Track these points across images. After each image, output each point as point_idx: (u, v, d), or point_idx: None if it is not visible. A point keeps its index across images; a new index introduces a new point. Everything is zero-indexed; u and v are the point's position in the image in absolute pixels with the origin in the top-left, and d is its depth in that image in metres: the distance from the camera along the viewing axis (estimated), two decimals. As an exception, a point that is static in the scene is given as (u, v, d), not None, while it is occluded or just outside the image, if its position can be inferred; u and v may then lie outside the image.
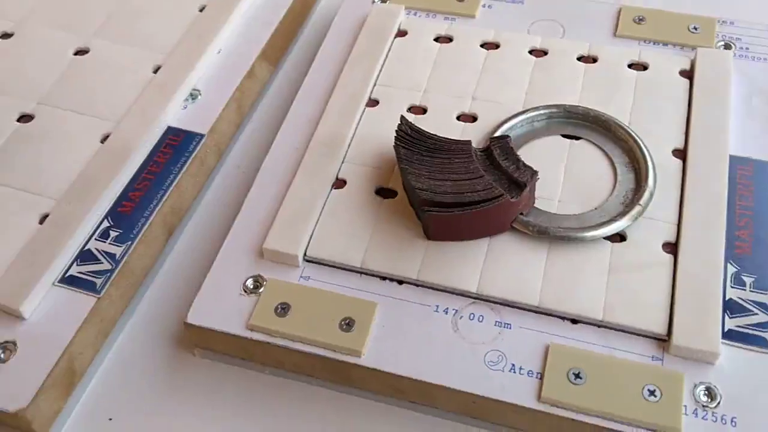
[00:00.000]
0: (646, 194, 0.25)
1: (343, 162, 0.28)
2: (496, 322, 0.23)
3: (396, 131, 0.26)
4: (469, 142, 0.25)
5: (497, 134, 0.27)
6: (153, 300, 0.27)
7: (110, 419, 0.25)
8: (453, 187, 0.24)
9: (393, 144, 0.26)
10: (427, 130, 0.26)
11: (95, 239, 0.27)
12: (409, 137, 0.25)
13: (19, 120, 0.30)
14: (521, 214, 0.25)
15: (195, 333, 0.25)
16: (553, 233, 0.24)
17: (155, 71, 0.31)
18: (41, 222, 0.27)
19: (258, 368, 0.25)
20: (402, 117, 0.26)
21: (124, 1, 0.34)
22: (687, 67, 0.29)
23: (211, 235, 0.29)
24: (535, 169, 0.24)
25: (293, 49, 0.35)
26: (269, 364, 0.25)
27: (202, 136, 0.30)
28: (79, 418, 0.25)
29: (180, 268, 0.28)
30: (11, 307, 0.24)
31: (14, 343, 0.24)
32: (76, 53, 0.32)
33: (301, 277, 0.25)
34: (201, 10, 0.34)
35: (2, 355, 0.24)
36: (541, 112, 0.28)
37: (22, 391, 0.23)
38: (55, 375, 0.24)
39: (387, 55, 0.31)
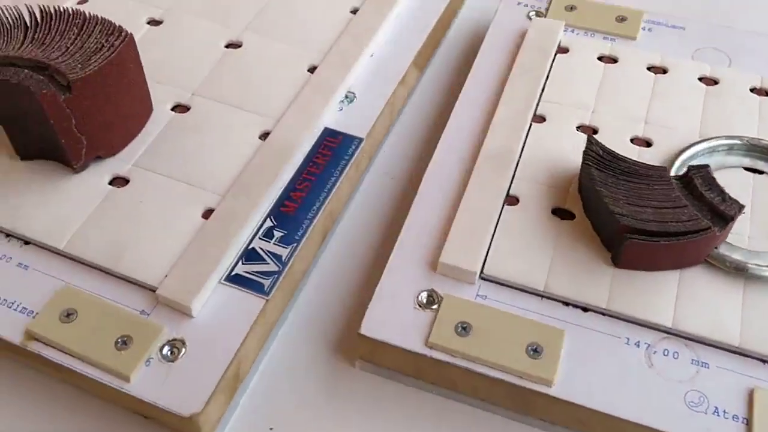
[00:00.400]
0: None
1: (513, 178, 0.26)
2: (692, 360, 0.22)
3: (586, 151, 0.24)
4: (666, 169, 0.24)
5: (677, 162, 0.26)
6: (305, 305, 0.26)
7: (271, 429, 0.24)
8: (655, 215, 0.22)
9: (581, 157, 0.24)
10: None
11: (259, 238, 0.25)
12: (600, 158, 0.24)
13: (173, 109, 0.29)
14: (715, 247, 0.23)
15: (366, 345, 0.23)
16: (751, 271, 0.23)
17: (310, 70, 0.30)
18: (204, 216, 0.26)
19: (424, 386, 0.24)
20: (591, 137, 0.25)
21: (271, -4, 0.33)
22: None
23: (360, 241, 0.28)
24: (742, 204, 0.23)
25: (434, 55, 0.34)
26: (441, 384, 0.24)
27: (361, 140, 0.28)
28: (238, 425, 0.24)
29: (331, 273, 0.27)
30: (182, 304, 0.23)
31: (183, 342, 0.23)
32: (228, 46, 0.31)
33: (477, 295, 0.24)
34: (353, 12, 0.33)
35: (170, 354, 0.23)
36: (723, 142, 0.27)
37: (194, 393, 0.22)
38: (223, 381, 0.22)
39: (550, 71, 0.30)
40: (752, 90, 0.29)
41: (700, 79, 0.29)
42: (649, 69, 0.30)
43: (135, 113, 0.28)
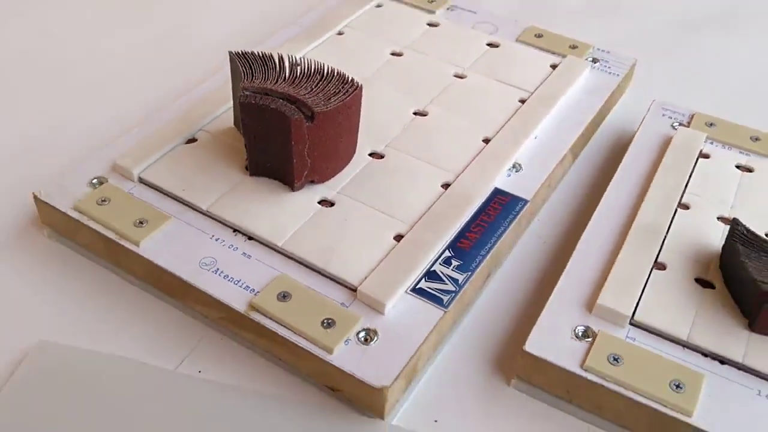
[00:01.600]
0: None
1: (661, 249, 0.30)
2: (817, 416, 0.25)
3: (732, 228, 0.28)
4: (802, 252, 0.27)
5: (808, 256, 0.29)
6: (469, 327, 0.30)
7: (435, 421, 0.27)
8: (792, 286, 0.26)
9: (724, 239, 0.28)
10: (753, 237, 0.28)
11: (439, 263, 0.30)
12: (745, 237, 0.28)
13: (370, 155, 0.34)
14: (843, 327, 0.26)
15: (526, 361, 0.27)
16: None
17: (485, 141, 0.35)
18: (395, 239, 0.30)
19: (570, 410, 0.27)
20: (736, 219, 0.29)
21: (453, 80, 0.39)
22: None
23: (516, 283, 0.32)
24: None
25: (587, 146, 0.39)
26: (587, 408, 0.27)
27: (526, 201, 0.33)
28: (410, 412, 0.27)
29: (489, 306, 0.31)
30: (379, 300, 0.27)
31: (375, 332, 0.27)
32: (416, 113, 0.37)
33: (627, 336, 0.27)
34: (521, 102, 0.38)
35: (365, 339, 0.27)
36: None
37: (385, 372, 0.26)
38: (406, 368, 0.26)
39: (693, 170, 0.34)
40: None
41: (827, 194, 0.33)
42: (781, 181, 0.34)
43: (346, 151, 0.33)
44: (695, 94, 0.43)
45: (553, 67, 0.41)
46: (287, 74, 0.32)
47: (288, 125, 0.29)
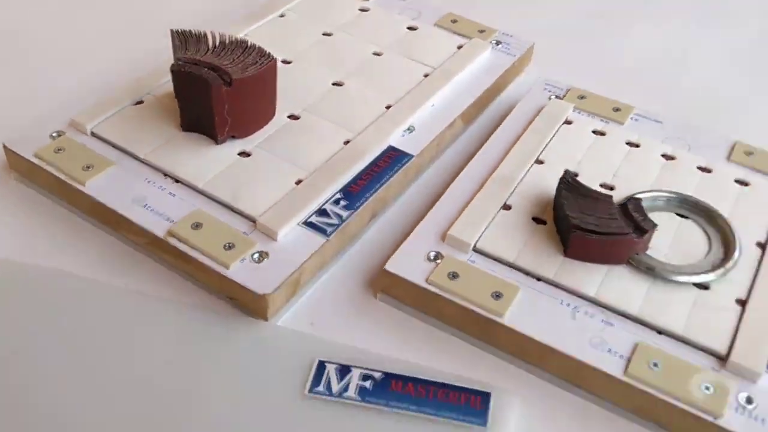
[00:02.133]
0: (731, 263, 0.33)
1: (511, 194, 0.37)
2: (602, 320, 0.31)
3: (561, 178, 0.35)
4: (610, 196, 0.34)
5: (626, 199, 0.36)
6: (353, 254, 0.37)
7: (312, 323, 0.34)
8: (595, 221, 0.32)
9: (556, 186, 0.35)
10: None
11: (330, 203, 0.36)
12: (568, 183, 0.34)
13: (289, 117, 0.41)
14: (637, 254, 0.33)
15: (386, 278, 0.34)
16: (657, 272, 0.32)
17: (387, 107, 0.42)
18: (296, 183, 0.37)
19: (421, 316, 0.34)
20: (566, 170, 0.35)
21: (371, 57, 0.46)
22: (783, 192, 0.37)
23: (398, 223, 0.38)
24: (656, 223, 0.32)
25: (482, 115, 0.45)
26: (431, 314, 0.33)
27: (411, 156, 0.39)
28: (291, 316, 0.34)
29: (374, 240, 0.38)
30: (272, 229, 0.34)
31: (267, 254, 0.34)
32: (334, 84, 0.44)
33: (469, 260, 0.34)
34: (425, 75, 0.44)
35: (258, 259, 0.34)
36: (664, 194, 0.36)
37: (268, 284, 0.32)
38: (288, 281, 0.33)
39: (555, 134, 0.40)
40: (699, 168, 0.38)
41: (663, 156, 0.39)
42: (626, 143, 0.40)
43: (264, 112, 0.40)
44: (586, 76, 0.49)
45: (460, 47, 0.47)
46: (215, 48, 0.38)
47: (209, 89, 0.36)
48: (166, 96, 0.42)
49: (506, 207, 0.36)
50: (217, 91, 0.36)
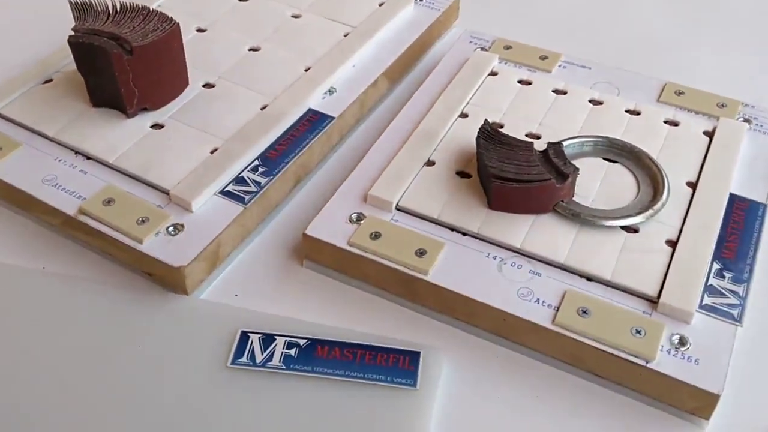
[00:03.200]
0: (659, 204, 0.32)
1: (435, 150, 0.35)
2: (530, 270, 0.30)
3: (480, 129, 0.33)
4: (531, 143, 0.32)
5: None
6: (278, 223, 0.35)
7: (236, 295, 0.32)
8: (515, 169, 0.31)
9: (475, 138, 0.33)
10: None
11: (247, 171, 0.34)
12: (488, 133, 0.33)
13: (203, 86, 0.39)
14: (562, 201, 0.31)
15: (309, 243, 0.32)
16: (583, 217, 0.31)
17: (306, 70, 0.40)
18: (211, 152, 0.35)
19: (347, 280, 0.32)
20: (486, 120, 0.33)
21: (289, 20, 0.43)
22: (710, 129, 0.36)
23: (323, 188, 0.37)
24: (577, 167, 0.31)
25: (410, 73, 0.44)
26: (356, 276, 0.32)
27: (332, 118, 0.37)
28: (214, 289, 0.32)
29: (299, 207, 0.36)
30: (186, 200, 0.32)
31: (183, 226, 0.32)
32: (250, 50, 0.41)
33: (392, 219, 0.32)
34: (345, 35, 0.42)
35: (173, 232, 0.32)
36: (590, 139, 0.35)
37: (183, 256, 0.31)
38: (206, 252, 0.31)
39: (480, 86, 0.39)
40: (627, 111, 0.37)
41: (590, 101, 0.38)
42: (553, 91, 0.38)
43: (175, 82, 0.37)
44: (515, 27, 0.47)
45: (381, 5, 0.45)
46: (115, 16, 0.36)
47: (110, 59, 0.34)
48: (76, 72, 0.39)
49: (429, 163, 0.34)
50: (118, 60, 0.34)
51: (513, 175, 0.30)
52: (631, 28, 0.48)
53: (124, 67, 0.34)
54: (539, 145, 0.33)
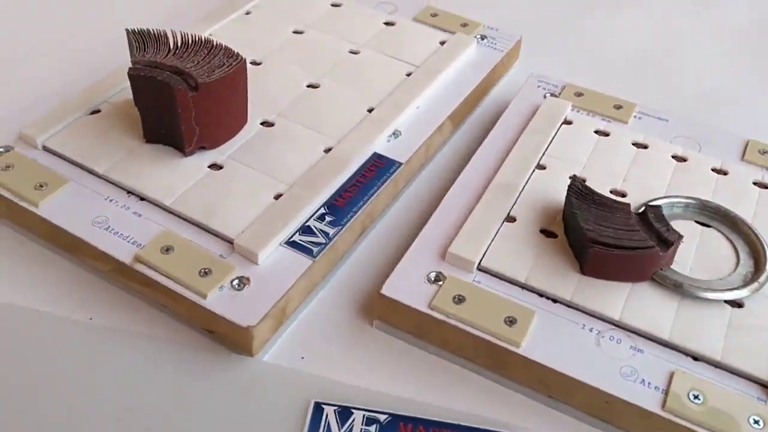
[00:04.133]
0: (764, 277, 0.29)
1: (514, 204, 0.32)
2: (631, 346, 0.27)
3: (570, 185, 0.31)
4: (628, 204, 0.30)
5: (643, 207, 0.32)
6: (342, 275, 0.32)
7: (302, 357, 0.29)
8: (614, 233, 0.28)
9: (565, 194, 0.31)
10: (591, 191, 0.31)
11: (314, 219, 0.32)
12: (579, 190, 0.30)
13: (262, 124, 0.36)
14: (661, 269, 0.29)
15: (383, 303, 0.29)
16: (686, 289, 0.28)
17: (369, 110, 0.37)
18: (275, 198, 0.32)
19: (423, 345, 0.29)
20: (575, 175, 0.31)
21: (347, 56, 0.41)
22: (802, 193, 0.34)
23: (388, 237, 0.34)
24: (681, 234, 0.28)
25: (472, 116, 0.41)
26: (435, 342, 0.29)
27: (400, 164, 0.35)
28: (278, 350, 0.29)
29: (364, 258, 0.33)
30: (252, 251, 0.29)
31: (248, 279, 0.29)
32: (309, 86, 0.39)
33: (474, 280, 0.29)
34: (407, 74, 0.40)
35: (238, 286, 0.29)
36: (681, 200, 0.32)
37: (251, 314, 0.28)
38: (274, 310, 0.28)
39: (555, 135, 0.36)
40: (713, 170, 0.35)
41: (673, 157, 0.35)
42: (633, 144, 0.36)
43: (235, 119, 0.35)
44: (578, 69, 0.45)
45: (442, 43, 0.43)
46: (177, 49, 0.33)
47: (173, 95, 0.31)
48: (126, 103, 0.36)
49: (510, 219, 0.32)
50: (182, 96, 0.31)
51: (612, 240, 0.28)
52: (696, 74, 0.46)
53: (187, 104, 0.31)
54: (631, 205, 0.31)
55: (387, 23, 0.44)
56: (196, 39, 0.34)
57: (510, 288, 0.29)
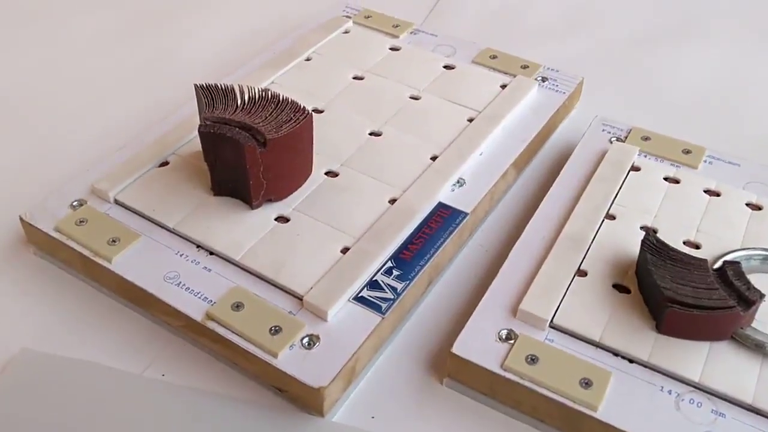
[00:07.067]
0: None
1: (584, 257, 0.32)
2: (712, 410, 0.27)
3: (643, 240, 0.30)
4: (705, 260, 0.29)
5: (719, 262, 0.31)
6: (409, 331, 0.32)
7: (372, 417, 0.29)
8: (692, 292, 0.28)
9: (639, 247, 0.30)
10: (665, 245, 0.30)
11: (381, 274, 0.32)
12: (654, 246, 0.30)
13: (326, 174, 0.37)
14: (741, 328, 0.28)
15: (455, 362, 0.29)
16: (767, 349, 0.28)
17: (432, 158, 0.37)
18: (342, 251, 0.32)
19: (495, 405, 0.29)
20: (649, 229, 0.30)
21: (408, 102, 0.41)
22: None
23: (454, 290, 0.34)
24: (763, 293, 0.28)
25: (534, 160, 0.41)
26: (508, 403, 0.29)
27: (466, 214, 0.35)
28: (348, 410, 0.29)
29: (430, 312, 0.33)
30: (321, 309, 0.30)
31: (318, 337, 0.29)
32: (371, 134, 0.39)
33: (546, 339, 0.29)
34: (469, 121, 0.40)
35: (308, 345, 0.29)
36: (759, 252, 0.32)
37: (323, 374, 0.28)
38: (344, 369, 0.28)
39: (623, 183, 0.36)
40: (790, 218, 0.34)
41: (747, 205, 0.35)
42: (705, 192, 0.35)
43: (301, 171, 0.35)
44: (642, 110, 0.45)
45: (503, 86, 0.43)
46: (245, 104, 0.34)
47: (242, 151, 0.32)
48: (193, 156, 0.37)
49: (581, 273, 0.31)
50: (251, 153, 0.32)
51: (691, 299, 0.27)
52: (763, 113, 0.45)
53: (256, 159, 0.32)
54: (705, 258, 0.30)
55: (447, 66, 0.44)
56: (263, 94, 0.34)
57: (583, 347, 0.29)
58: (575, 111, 0.45)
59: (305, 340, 0.29)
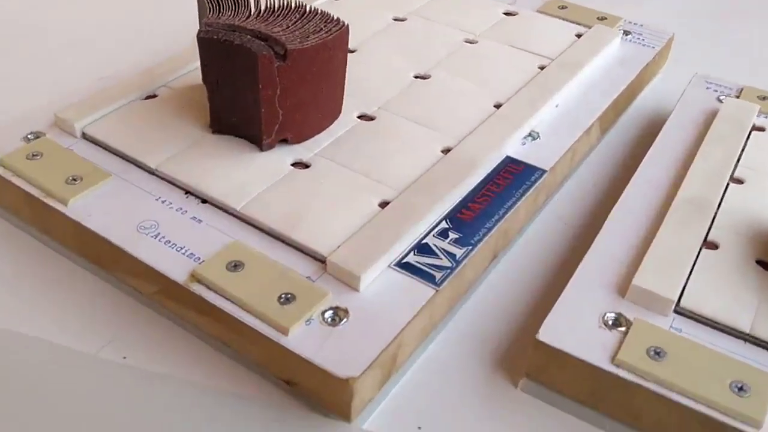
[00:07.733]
0: None
1: (711, 226, 0.24)
2: None
3: None
4: None
5: None
6: (471, 314, 0.24)
7: (419, 428, 0.20)
8: None
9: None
10: None
11: (433, 236, 0.24)
12: None
13: (359, 117, 0.29)
14: None
15: (539, 355, 0.20)
16: None
17: (496, 106, 0.29)
18: (380, 206, 0.24)
19: (596, 418, 0.20)
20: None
21: (462, 45, 0.33)
22: None
23: (531, 266, 0.26)
24: None
25: (618, 122, 0.33)
26: (619, 414, 0.20)
27: (544, 171, 0.27)
28: (383, 413, 0.21)
29: (500, 289, 0.25)
30: (352, 274, 0.21)
31: (346, 311, 0.21)
32: (416, 77, 0.31)
33: (671, 326, 0.21)
34: (541, 68, 0.32)
35: (332, 320, 0.21)
36: None
37: (352, 361, 0.19)
38: (382, 357, 0.20)
39: (746, 143, 0.28)
40: None
41: None
42: None
43: (328, 107, 0.27)
44: (738, 73, 0.37)
45: (579, 36, 0.35)
46: (261, 11, 0.26)
47: (255, 64, 0.24)
48: (189, 89, 0.29)
49: (710, 245, 0.23)
50: (266, 66, 0.24)
51: None
52: None
53: (272, 77, 0.24)
54: None
55: (507, 13, 0.37)
56: (286, 3, 0.27)
57: (726, 340, 0.20)
58: (663, 73, 0.37)
59: (328, 315, 0.21)
